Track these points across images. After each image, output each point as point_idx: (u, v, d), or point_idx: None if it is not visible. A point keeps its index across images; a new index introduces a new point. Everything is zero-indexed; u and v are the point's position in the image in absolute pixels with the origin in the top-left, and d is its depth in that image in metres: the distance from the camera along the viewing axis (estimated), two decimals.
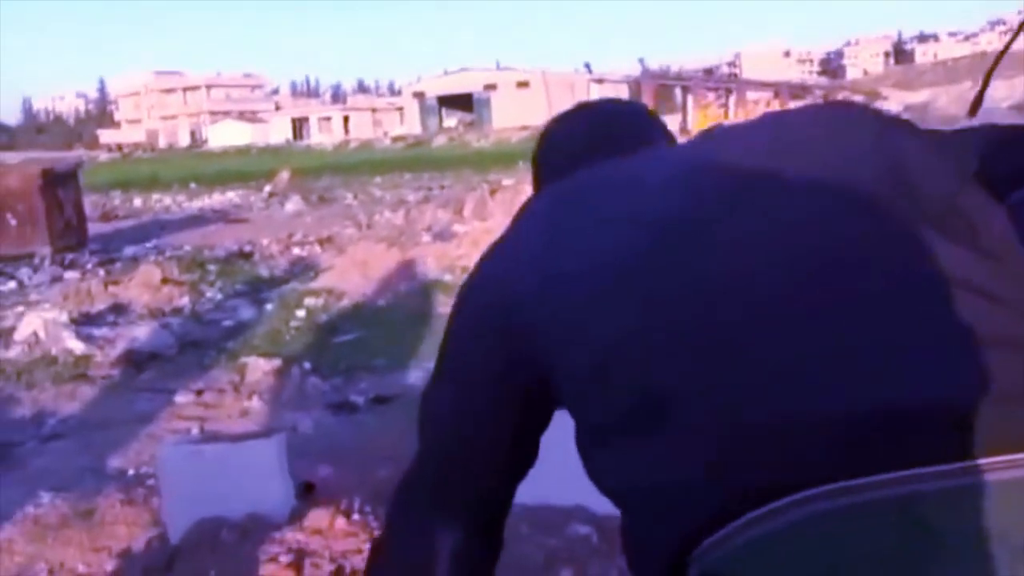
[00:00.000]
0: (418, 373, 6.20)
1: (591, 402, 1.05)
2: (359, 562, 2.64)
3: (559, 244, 1.12)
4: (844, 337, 0.95)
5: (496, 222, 11.73)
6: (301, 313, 8.04)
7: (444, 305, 8.06)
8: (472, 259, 9.36)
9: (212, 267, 10.59)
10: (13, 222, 11.73)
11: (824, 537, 0.89)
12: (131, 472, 4.59)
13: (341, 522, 2.79)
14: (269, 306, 8.45)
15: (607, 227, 1.09)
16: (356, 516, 2.88)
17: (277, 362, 6.46)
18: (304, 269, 10.19)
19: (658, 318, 1.00)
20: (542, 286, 1.09)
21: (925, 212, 1.01)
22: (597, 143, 1.32)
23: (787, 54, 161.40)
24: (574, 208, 1.16)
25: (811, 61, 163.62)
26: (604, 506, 2.95)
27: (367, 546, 2.72)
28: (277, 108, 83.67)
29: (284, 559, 2.61)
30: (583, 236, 1.11)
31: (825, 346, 0.95)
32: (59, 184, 12.27)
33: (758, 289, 0.99)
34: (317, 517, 2.83)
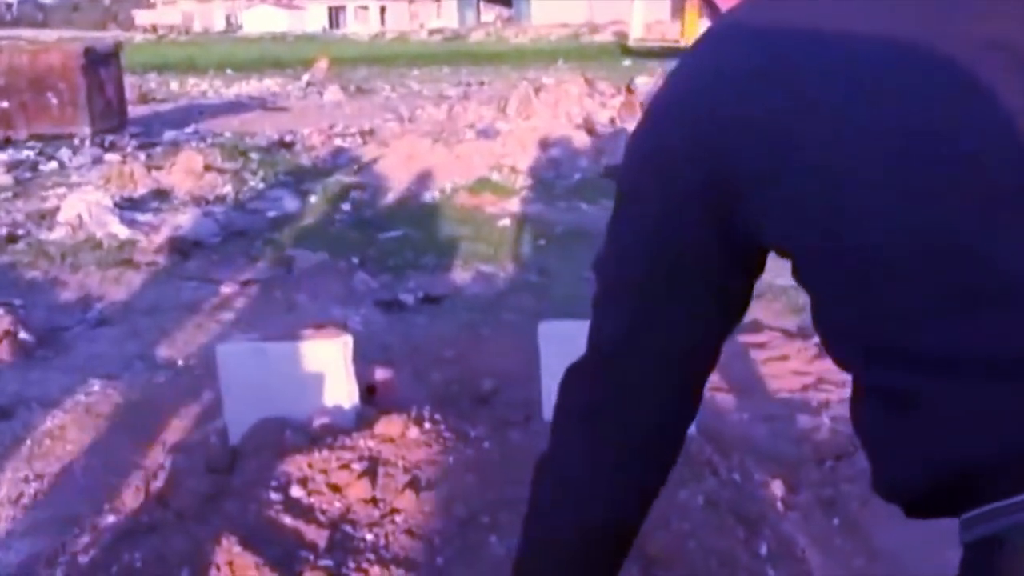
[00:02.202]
0: (467, 274, 6.09)
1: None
2: (433, 473, 2.54)
3: (774, 61, 0.97)
4: None
5: (541, 121, 11.47)
6: (346, 206, 7.91)
7: (492, 204, 7.92)
8: (518, 158, 9.26)
9: (254, 155, 10.43)
10: (54, 101, 11.55)
11: None
12: (180, 363, 4.52)
13: (414, 431, 2.69)
14: (313, 198, 8.31)
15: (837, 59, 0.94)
16: (428, 425, 2.78)
17: (324, 256, 6.35)
18: (347, 161, 10.01)
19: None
20: (758, 110, 0.95)
21: None
22: None
23: None
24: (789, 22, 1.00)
25: None
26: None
27: (441, 457, 2.63)
28: None
29: (357, 467, 2.52)
30: (804, 56, 0.96)
31: None
32: (101, 64, 12.04)
33: None
34: (388, 424, 2.73)
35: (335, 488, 2.50)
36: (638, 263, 1.08)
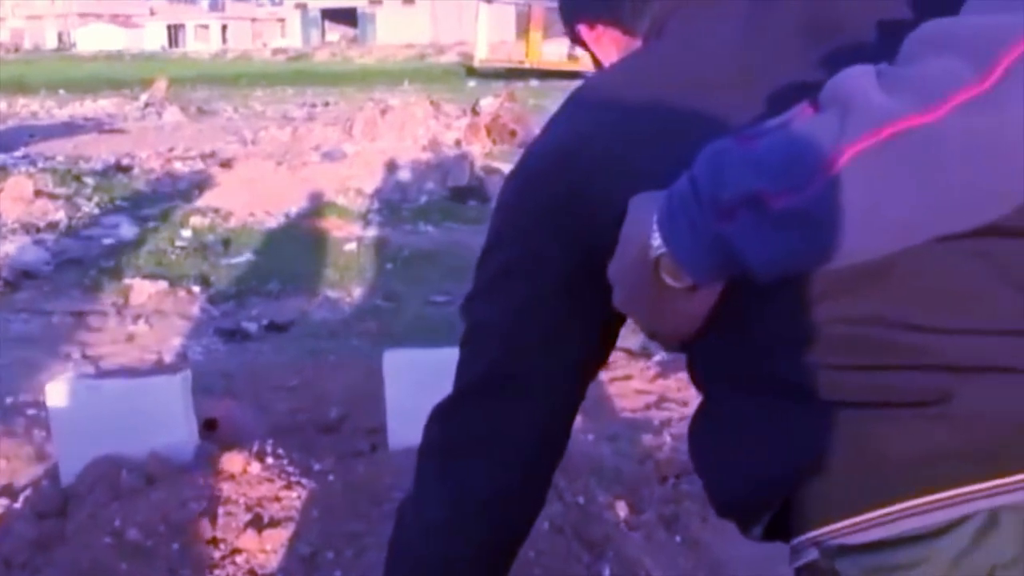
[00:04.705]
0: (314, 299, 6.02)
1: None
2: (277, 511, 2.50)
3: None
4: None
5: (388, 143, 11.44)
6: (187, 232, 7.71)
7: (338, 228, 7.86)
8: (364, 180, 9.18)
9: (89, 180, 10.06)
10: None
11: None
12: (8, 400, 4.32)
13: (256, 467, 2.63)
14: (152, 224, 8.07)
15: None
16: (270, 459, 2.72)
17: (163, 284, 6.19)
18: (188, 186, 9.75)
19: None
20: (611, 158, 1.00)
21: None
22: None
23: None
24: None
25: None
26: None
27: (284, 493, 2.58)
28: (151, 13, 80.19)
29: (195, 506, 2.45)
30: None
31: None
32: None
33: None
34: (229, 461, 2.66)
35: (175, 529, 2.43)
36: (502, 309, 1.09)
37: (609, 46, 1.15)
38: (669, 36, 1.06)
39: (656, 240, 0.85)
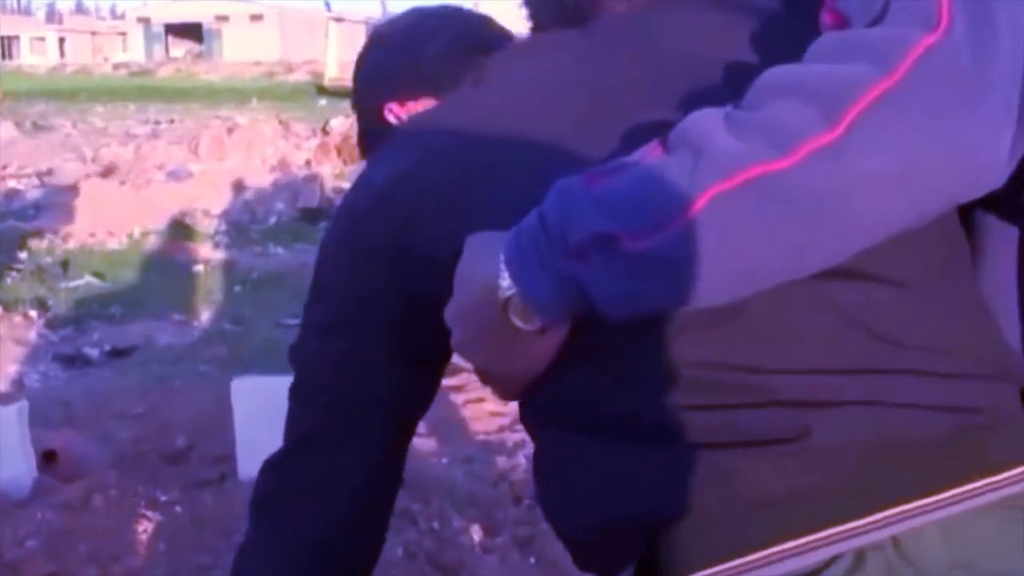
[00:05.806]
0: (159, 324, 5.86)
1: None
2: (119, 544, 2.41)
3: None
4: None
5: (235, 162, 11.23)
6: (22, 255, 7.40)
7: (184, 250, 7.69)
8: (211, 201, 8.96)
9: None
10: None
11: None
12: None
13: (98, 499, 2.54)
14: None
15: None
16: (114, 492, 2.63)
17: None
18: (23, 206, 9.37)
19: None
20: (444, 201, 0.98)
21: None
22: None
23: None
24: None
25: None
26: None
27: (128, 526, 2.50)
28: None
29: (33, 543, 2.35)
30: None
31: None
32: None
33: None
34: (69, 493, 2.57)
35: (10, 567, 2.32)
36: (324, 364, 1.08)
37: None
38: (492, 81, 1.04)
39: (505, 280, 0.83)
